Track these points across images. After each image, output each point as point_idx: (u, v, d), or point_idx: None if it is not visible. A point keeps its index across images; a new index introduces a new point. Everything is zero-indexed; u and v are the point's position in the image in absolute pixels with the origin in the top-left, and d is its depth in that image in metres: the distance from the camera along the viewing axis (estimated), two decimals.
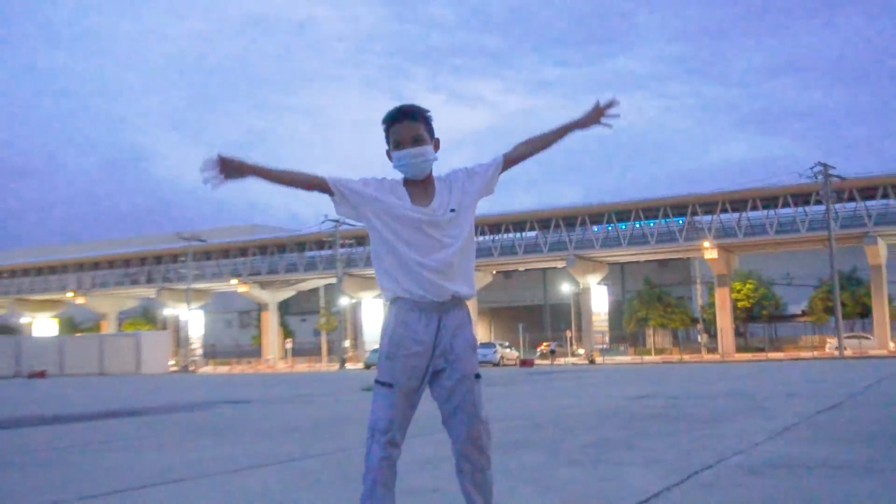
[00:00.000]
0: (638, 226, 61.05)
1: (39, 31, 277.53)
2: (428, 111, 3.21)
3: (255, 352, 75.76)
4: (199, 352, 73.02)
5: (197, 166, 2.91)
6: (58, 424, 11.58)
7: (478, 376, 3.12)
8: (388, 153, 3.13)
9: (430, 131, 3.17)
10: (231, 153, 2.99)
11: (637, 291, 67.28)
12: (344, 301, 65.19)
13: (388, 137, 3.14)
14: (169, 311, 73.61)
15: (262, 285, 71.06)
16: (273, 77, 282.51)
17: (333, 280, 65.93)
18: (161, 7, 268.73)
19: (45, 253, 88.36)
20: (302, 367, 63.15)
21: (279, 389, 22.28)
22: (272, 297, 71.93)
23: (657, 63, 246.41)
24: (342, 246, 64.63)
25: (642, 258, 65.91)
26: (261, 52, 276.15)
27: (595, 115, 3.24)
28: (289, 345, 71.54)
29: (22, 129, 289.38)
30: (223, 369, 63.61)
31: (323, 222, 63.23)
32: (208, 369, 62.63)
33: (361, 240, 68.88)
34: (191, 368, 64.77)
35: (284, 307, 77.17)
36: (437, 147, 3.21)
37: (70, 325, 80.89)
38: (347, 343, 66.78)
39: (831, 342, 52.51)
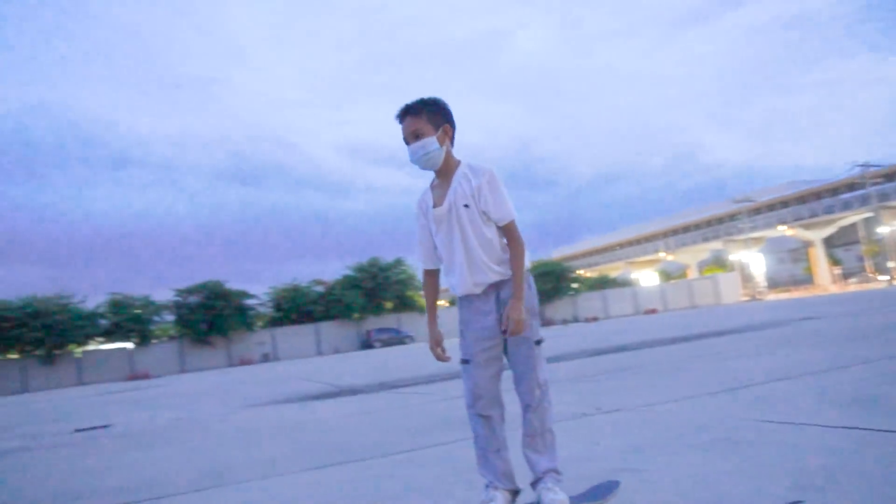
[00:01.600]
0: None
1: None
2: (434, 101, 2.49)
3: (808, 279, 69.20)
4: (763, 284, 69.37)
5: (727, 145, 2.70)
6: (680, 343, 12.05)
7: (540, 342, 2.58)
8: None
9: (436, 122, 2.46)
10: (432, 344, 2.63)
11: None
12: (883, 229, 56.11)
13: None
14: (734, 256, 71.17)
15: (806, 227, 64.59)
16: (781, 61, 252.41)
17: (869, 214, 57.64)
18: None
19: (642, 228, 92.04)
20: (851, 287, 55.62)
21: (834, 308, 20.02)
22: (816, 235, 64.82)
23: None
24: (874, 184, 56.06)
25: None
26: (766, 44, 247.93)
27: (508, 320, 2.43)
28: (837, 271, 64.53)
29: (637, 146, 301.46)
30: (783, 295, 59.08)
31: (851, 168, 55.90)
32: (771, 296, 58.85)
33: (892, 176, 58.85)
34: (757, 297, 61.81)
35: (828, 241, 69.20)
36: (445, 135, 2.48)
37: (665, 275, 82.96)
38: (893, 264, 57.00)
39: None
